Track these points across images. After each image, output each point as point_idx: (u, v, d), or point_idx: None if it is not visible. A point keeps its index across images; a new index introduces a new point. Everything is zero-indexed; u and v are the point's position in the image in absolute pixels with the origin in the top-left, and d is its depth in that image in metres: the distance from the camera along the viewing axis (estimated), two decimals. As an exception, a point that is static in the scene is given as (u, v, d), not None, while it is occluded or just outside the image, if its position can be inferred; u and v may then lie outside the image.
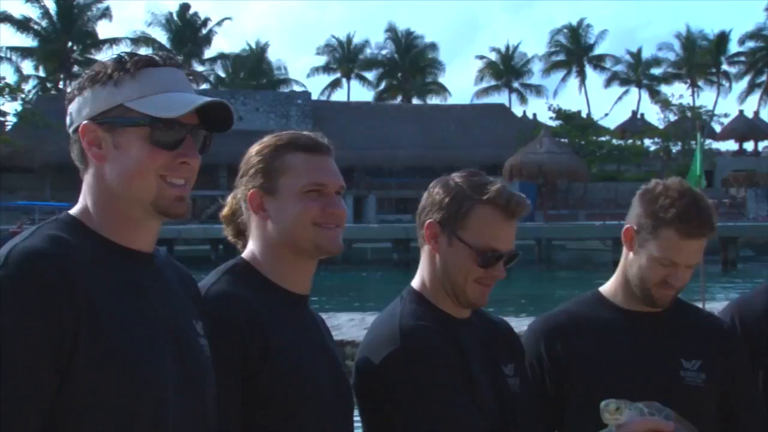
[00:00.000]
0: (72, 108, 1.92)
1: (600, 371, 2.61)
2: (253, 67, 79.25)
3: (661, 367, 2.60)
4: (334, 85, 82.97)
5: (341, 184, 2.32)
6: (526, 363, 2.65)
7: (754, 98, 77.12)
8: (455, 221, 2.43)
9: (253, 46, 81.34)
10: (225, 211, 2.46)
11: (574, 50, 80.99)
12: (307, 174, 2.28)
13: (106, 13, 72.78)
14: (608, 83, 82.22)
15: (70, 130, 1.93)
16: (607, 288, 2.77)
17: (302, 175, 2.28)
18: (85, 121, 1.88)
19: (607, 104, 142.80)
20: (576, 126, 59.42)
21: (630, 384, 2.51)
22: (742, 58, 78.03)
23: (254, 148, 2.35)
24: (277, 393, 2.14)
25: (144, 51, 3.26)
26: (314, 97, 68.57)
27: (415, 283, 2.55)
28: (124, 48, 70.42)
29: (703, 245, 2.61)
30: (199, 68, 75.76)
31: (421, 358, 2.36)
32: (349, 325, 14.25)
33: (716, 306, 9.19)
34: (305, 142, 2.32)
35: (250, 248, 2.34)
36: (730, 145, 75.99)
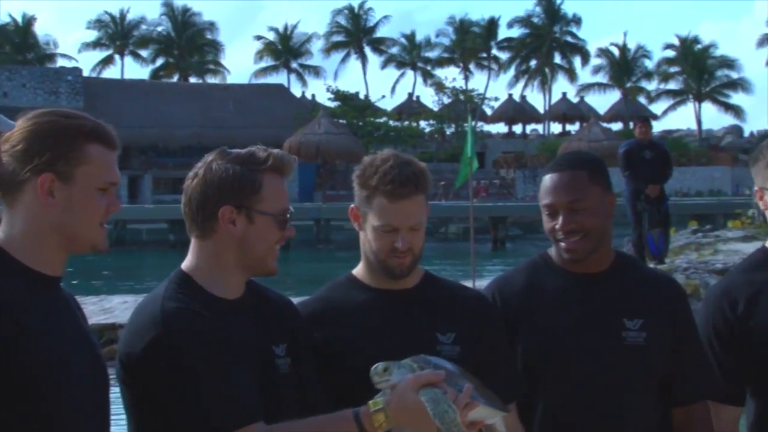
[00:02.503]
0: None
1: (356, 352, 2.62)
2: (19, 42, 75.51)
3: (417, 341, 2.63)
4: (107, 61, 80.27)
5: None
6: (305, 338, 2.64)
7: (523, 83, 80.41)
8: (252, 198, 2.42)
9: (18, 19, 77.49)
10: None
11: (354, 32, 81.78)
12: (107, 171, 2.21)
13: None
14: (384, 65, 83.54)
15: None
16: (358, 269, 2.78)
17: (102, 171, 2.20)
18: None
19: (388, 86, 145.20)
20: (354, 107, 60.12)
21: (389, 360, 2.53)
22: (512, 44, 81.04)
23: (43, 126, 2.18)
24: (31, 378, 2.06)
25: None
26: (86, 73, 66.18)
27: (186, 265, 2.49)
28: None
29: (418, 205, 2.63)
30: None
31: (184, 342, 2.30)
32: (122, 308, 13.93)
33: (486, 284, 9.47)
34: (108, 137, 2.23)
35: (2, 230, 2.20)
36: (501, 128, 79.17)
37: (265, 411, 2.36)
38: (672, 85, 77.30)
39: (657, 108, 77.62)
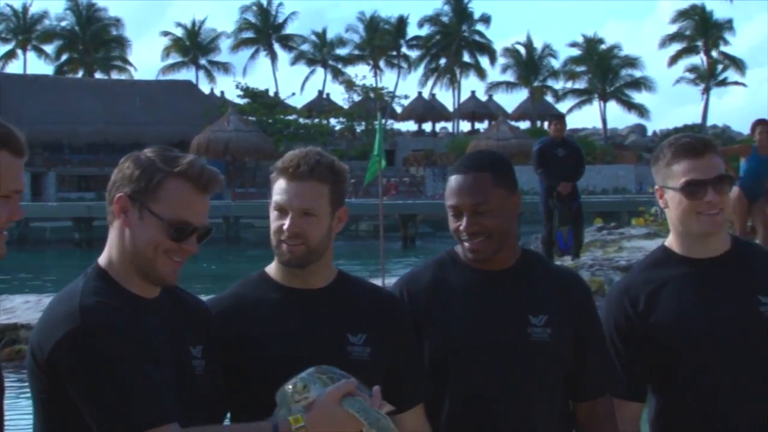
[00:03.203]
0: None
1: (265, 351, 2.60)
2: None
3: (328, 341, 2.62)
4: (9, 56, 78.34)
5: None
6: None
7: (432, 81, 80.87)
8: (146, 194, 2.37)
9: None
10: None
11: (263, 28, 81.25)
12: (11, 178, 2.18)
13: None
14: (294, 62, 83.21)
15: None
16: (271, 267, 2.76)
17: (6, 179, 2.17)
18: None
19: (298, 83, 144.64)
20: (264, 104, 59.77)
21: (299, 360, 2.51)
22: (421, 42, 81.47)
23: None
24: None
25: None
26: (-13, 68, 64.50)
27: (102, 260, 2.45)
28: None
29: (312, 190, 2.64)
30: None
31: (102, 336, 2.25)
32: (24, 308, 13.61)
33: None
34: (17, 143, 2.19)
35: None
36: (410, 126, 79.56)
37: (180, 412, 2.32)
38: (578, 85, 78.68)
39: (563, 107, 78.94)
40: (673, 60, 77.87)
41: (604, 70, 75.95)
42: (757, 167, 11.98)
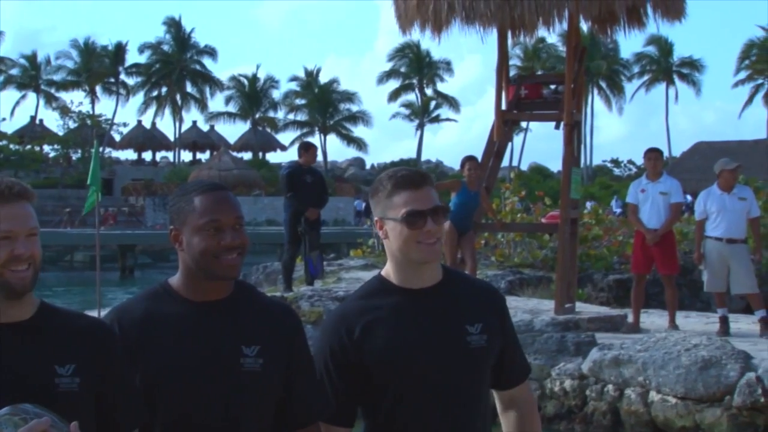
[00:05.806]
0: None
1: None
2: None
3: (34, 374, 2.50)
4: None
5: None
6: None
7: (153, 109, 79.44)
8: None
9: None
10: None
11: (-33, 50, 76.74)
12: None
13: None
14: (3, 87, 78.96)
15: None
16: None
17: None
18: None
19: (8, 108, 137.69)
20: (-31, 130, 56.59)
21: (1, 400, 2.37)
22: (140, 70, 79.85)
23: None
24: None
25: None
26: None
27: None
28: None
29: (29, 210, 2.54)
30: None
31: None
32: None
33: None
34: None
35: None
36: (130, 155, 77.83)
37: None
38: (299, 117, 79.85)
39: (285, 138, 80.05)
40: (393, 96, 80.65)
41: (324, 103, 77.58)
42: (467, 201, 12.61)
